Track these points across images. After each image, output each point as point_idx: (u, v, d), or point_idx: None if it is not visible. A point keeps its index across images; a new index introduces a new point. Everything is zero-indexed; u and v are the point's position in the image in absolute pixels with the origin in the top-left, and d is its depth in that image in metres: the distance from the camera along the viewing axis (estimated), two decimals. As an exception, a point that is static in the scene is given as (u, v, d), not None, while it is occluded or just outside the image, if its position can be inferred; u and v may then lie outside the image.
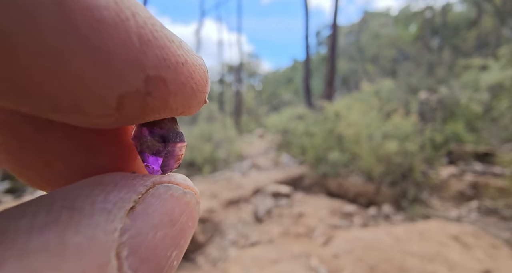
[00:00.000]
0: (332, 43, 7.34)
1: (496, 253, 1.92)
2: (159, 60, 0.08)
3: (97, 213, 0.07)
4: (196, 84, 0.09)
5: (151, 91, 0.08)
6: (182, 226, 0.09)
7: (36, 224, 0.06)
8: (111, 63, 0.07)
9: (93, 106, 0.07)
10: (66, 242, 0.06)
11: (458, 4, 13.59)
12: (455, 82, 4.18)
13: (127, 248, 0.07)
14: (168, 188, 0.09)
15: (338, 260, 1.79)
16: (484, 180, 2.76)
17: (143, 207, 0.08)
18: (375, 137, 3.01)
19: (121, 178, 0.09)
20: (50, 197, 0.07)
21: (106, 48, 0.07)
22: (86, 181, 0.08)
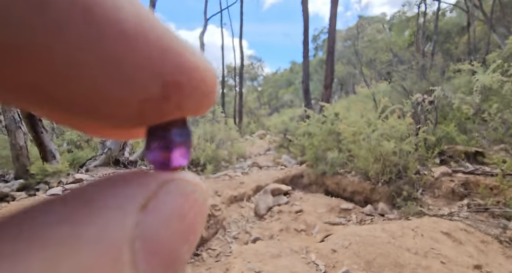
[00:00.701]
0: (330, 47, 7.48)
1: (487, 248, 1.99)
2: (175, 66, 0.08)
3: (111, 208, 0.08)
4: (207, 87, 0.10)
5: (168, 95, 0.09)
6: (192, 222, 0.09)
7: (54, 218, 0.07)
8: (134, 72, 0.07)
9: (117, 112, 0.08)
10: (81, 234, 0.07)
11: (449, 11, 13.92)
12: (447, 85, 4.31)
13: (140, 241, 0.08)
14: (178, 186, 0.10)
15: (336, 255, 1.83)
16: (475, 179, 2.86)
17: (154, 203, 0.08)
18: (372, 137, 3.10)
19: (134, 175, 0.09)
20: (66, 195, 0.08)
21: (129, 58, 0.07)
22: (100, 179, 0.09)
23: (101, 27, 0.07)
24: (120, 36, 0.07)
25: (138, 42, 0.07)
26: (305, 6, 8.45)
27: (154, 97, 0.08)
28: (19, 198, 2.54)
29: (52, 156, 3.37)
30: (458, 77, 4.65)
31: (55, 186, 2.78)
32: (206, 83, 0.10)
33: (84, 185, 0.08)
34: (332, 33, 7.58)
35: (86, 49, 0.07)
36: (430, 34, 11.95)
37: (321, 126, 4.00)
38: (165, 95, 0.09)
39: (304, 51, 8.41)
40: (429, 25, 12.53)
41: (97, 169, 3.64)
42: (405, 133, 3.08)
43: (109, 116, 0.08)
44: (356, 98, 5.21)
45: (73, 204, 0.07)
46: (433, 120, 3.71)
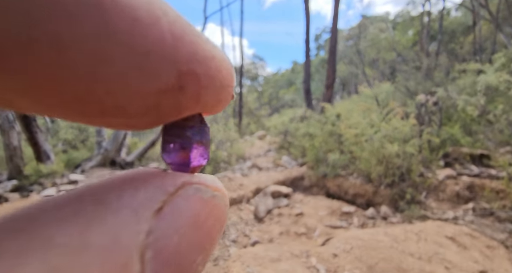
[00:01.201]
0: (332, 47, 7.44)
1: (492, 254, 1.96)
2: (190, 55, 0.08)
3: (123, 211, 0.07)
4: (224, 78, 0.10)
5: (184, 85, 0.08)
6: (209, 230, 0.09)
7: (64, 216, 0.07)
8: (149, 61, 0.07)
9: (134, 105, 0.08)
10: (89, 239, 0.06)
11: (455, 10, 13.81)
12: (452, 85, 4.25)
13: (151, 250, 0.07)
14: (197, 190, 0.09)
15: (337, 259, 1.81)
16: (480, 182, 2.81)
17: (170, 209, 0.08)
18: (374, 139, 3.06)
19: (152, 175, 0.09)
20: (80, 190, 0.08)
21: (143, 46, 0.07)
22: (117, 176, 0.08)
23: (114, 15, 0.07)
24: (133, 24, 0.07)
25: (151, 30, 0.07)
26: (307, 5, 8.40)
27: (171, 87, 0.08)
28: (12, 199, 2.54)
29: (46, 156, 3.36)
30: (463, 77, 4.59)
31: (49, 187, 2.78)
32: (223, 74, 0.09)
33: (101, 181, 0.08)
34: (334, 32, 7.53)
35: (100, 39, 0.07)
36: (435, 34, 11.85)
37: (322, 127, 3.97)
38: (181, 85, 0.08)
39: (306, 50, 8.37)
40: (434, 24, 12.43)
41: (92, 170, 3.63)
42: (409, 134, 3.04)
43: (125, 111, 0.08)
44: (358, 98, 5.17)
45: (87, 201, 0.07)
46: (438, 122, 3.65)
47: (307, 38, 8.43)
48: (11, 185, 2.87)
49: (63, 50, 0.06)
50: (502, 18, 8.28)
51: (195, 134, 0.10)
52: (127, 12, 0.07)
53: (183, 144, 0.10)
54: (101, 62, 0.07)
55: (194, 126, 0.10)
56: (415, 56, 9.13)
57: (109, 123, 0.08)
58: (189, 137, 0.10)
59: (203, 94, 0.09)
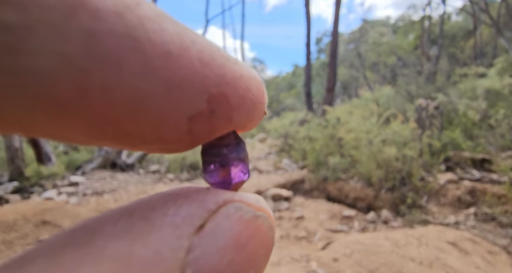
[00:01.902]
0: (333, 50, 7.47)
1: (494, 259, 1.94)
2: (218, 78, 0.08)
3: (166, 227, 0.07)
4: (255, 96, 0.10)
5: (215, 109, 0.08)
6: (251, 253, 0.08)
7: (115, 231, 0.07)
8: (182, 90, 0.08)
9: (170, 133, 0.08)
10: (134, 253, 0.07)
11: (455, 14, 13.89)
12: (453, 90, 4.26)
13: (191, 269, 0.07)
14: (239, 209, 0.09)
15: (337, 264, 1.81)
16: (482, 187, 2.79)
17: (211, 227, 0.08)
18: (375, 142, 3.06)
19: (195, 192, 0.09)
20: (131, 206, 0.08)
21: (176, 79, 0.07)
22: (163, 193, 0.09)
23: (151, 54, 0.07)
24: (166, 59, 0.07)
25: (183, 60, 0.08)
26: (308, 9, 8.47)
27: (202, 112, 0.08)
28: (13, 200, 2.54)
29: (47, 158, 3.38)
30: (465, 81, 4.59)
31: (50, 188, 2.78)
32: (253, 92, 0.10)
33: (149, 197, 0.09)
34: (335, 36, 7.57)
35: (141, 79, 0.07)
36: (435, 38, 11.89)
37: (322, 130, 3.97)
38: (212, 109, 0.08)
39: (307, 54, 8.41)
40: (434, 28, 12.48)
41: (93, 172, 3.64)
42: (409, 138, 3.04)
43: (163, 139, 0.08)
44: (359, 102, 5.18)
45: (136, 218, 0.08)
46: (439, 126, 3.65)
47: (308, 42, 8.48)
48: (12, 186, 2.87)
49: (112, 94, 0.07)
50: (503, 22, 8.31)
51: (232, 152, 0.10)
52: (161, 47, 0.07)
53: (222, 163, 0.10)
54: (142, 99, 0.07)
55: (230, 144, 0.10)
56: (416, 60, 9.16)
57: (148, 149, 0.09)
58: (226, 155, 0.10)
59: (235, 116, 0.09)
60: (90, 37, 0.06)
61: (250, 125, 0.11)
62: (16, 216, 2.33)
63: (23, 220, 2.32)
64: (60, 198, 2.76)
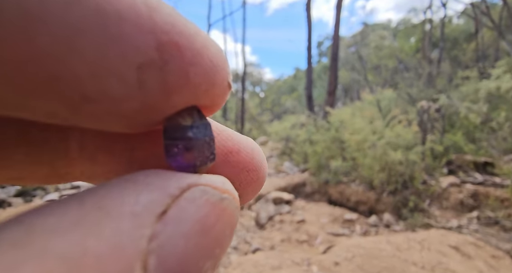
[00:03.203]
0: (334, 53, 7.51)
1: (498, 264, 1.91)
2: (168, 25, 0.08)
3: (125, 217, 0.07)
4: (214, 58, 0.09)
5: (167, 59, 0.08)
6: (217, 235, 0.08)
7: (62, 224, 0.06)
8: (122, 29, 0.07)
9: (115, 85, 0.07)
10: (87, 249, 0.06)
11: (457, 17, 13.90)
12: (455, 92, 4.25)
13: (155, 257, 0.07)
14: (204, 192, 0.08)
15: (339, 268, 1.79)
16: (484, 190, 2.77)
17: (175, 212, 0.08)
18: (377, 145, 3.05)
19: (155, 177, 0.08)
20: (82, 195, 0.07)
21: (115, 13, 0.07)
22: (119, 180, 0.08)
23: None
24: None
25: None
26: (308, 12, 8.55)
27: (152, 61, 0.07)
28: (15, 204, 2.57)
29: None
30: (466, 84, 4.59)
31: (52, 192, 2.80)
32: (211, 52, 0.08)
33: (103, 185, 0.08)
34: (336, 39, 7.62)
35: (72, 9, 0.06)
36: (437, 41, 11.90)
37: (324, 133, 3.97)
38: (164, 57, 0.08)
39: (308, 57, 8.46)
40: (436, 31, 12.50)
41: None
42: (412, 142, 3.03)
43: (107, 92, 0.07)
44: (360, 105, 5.17)
45: (88, 208, 0.07)
46: (440, 129, 3.64)
47: (309, 45, 8.54)
48: (15, 190, 2.90)
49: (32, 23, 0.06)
50: (504, 25, 8.31)
51: (197, 133, 0.10)
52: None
53: (186, 145, 0.09)
54: (74, 34, 0.06)
55: (194, 125, 0.10)
56: (417, 64, 9.17)
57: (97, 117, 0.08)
58: (190, 137, 0.09)
59: (191, 72, 0.08)
60: None
61: (213, 96, 0.10)
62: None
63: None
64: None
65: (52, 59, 0.06)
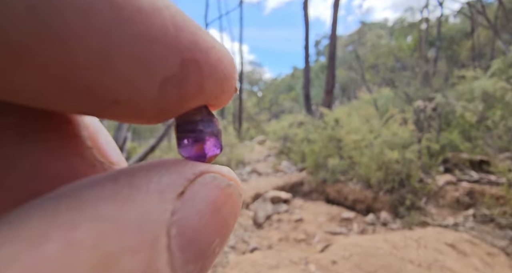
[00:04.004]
0: (331, 52, 7.52)
1: (493, 261, 1.94)
2: (191, 43, 0.09)
3: (152, 192, 0.08)
4: (226, 68, 0.10)
5: (187, 73, 0.09)
6: (225, 216, 0.10)
7: (103, 195, 0.08)
8: (153, 49, 0.08)
9: (141, 94, 0.08)
10: (124, 214, 0.07)
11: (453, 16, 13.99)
12: (451, 91, 4.29)
13: (176, 228, 0.08)
14: (214, 178, 0.10)
15: (336, 266, 1.80)
16: (480, 188, 2.79)
17: (191, 193, 0.09)
18: (374, 144, 3.06)
19: (174, 163, 0.10)
20: (116, 173, 0.09)
21: (148, 35, 0.08)
22: (143, 164, 0.09)
23: (121, 7, 0.07)
24: (138, 14, 0.07)
25: (155, 19, 0.08)
26: (306, 11, 8.54)
27: (174, 75, 0.09)
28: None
29: None
30: (463, 83, 4.63)
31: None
32: (224, 64, 0.10)
33: (131, 167, 0.09)
34: (333, 38, 7.63)
35: (110, 30, 0.07)
36: (433, 40, 11.97)
37: (321, 132, 3.98)
38: (184, 73, 0.09)
39: (305, 56, 8.47)
40: (432, 30, 12.57)
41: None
42: (408, 140, 3.05)
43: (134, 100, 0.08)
44: (358, 104, 5.20)
45: (122, 183, 0.08)
46: (437, 127, 3.66)
47: (306, 44, 8.54)
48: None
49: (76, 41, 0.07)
50: (500, 24, 8.38)
51: (206, 127, 0.11)
52: (133, 3, 0.07)
53: (197, 138, 0.11)
54: (111, 51, 0.07)
55: (203, 119, 0.11)
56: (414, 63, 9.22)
57: (120, 114, 0.09)
58: (200, 130, 0.11)
59: (206, 84, 0.10)
60: None
61: (221, 100, 0.11)
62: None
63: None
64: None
65: (93, 73, 0.07)
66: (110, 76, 0.08)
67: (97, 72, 0.07)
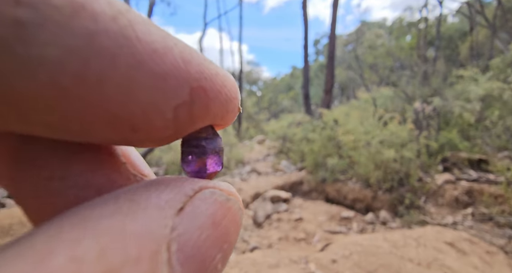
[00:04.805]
0: (330, 52, 7.52)
1: (492, 259, 1.94)
2: (198, 73, 0.10)
3: (152, 208, 0.09)
4: (229, 91, 0.11)
5: (195, 99, 0.10)
6: (225, 230, 0.10)
7: (105, 212, 0.08)
8: (167, 82, 0.09)
9: (158, 120, 0.09)
10: (126, 228, 0.08)
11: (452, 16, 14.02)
12: (450, 91, 4.30)
13: (176, 243, 0.08)
14: (213, 193, 0.10)
15: (336, 265, 1.80)
16: (479, 187, 2.80)
17: (190, 209, 0.09)
18: (373, 144, 3.07)
19: (173, 180, 0.10)
20: (116, 193, 0.09)
21: (162, 70, 0.09)
22: (143, 183, 0.10)
23: (139, 49, 0.08)
24: (153, 54, 0.09)
25: (167, 56, 0.09)
26: (305, 11, 8.54)
27: (185, 102, 0.10)
28: (9, 205, 2.53)
29: None
30: (461, 82, 4.64)
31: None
32: (228, 88, 0.11)
33: (132, 186, 0.10)
34: (332, 38, 7.63)
35: (131, 69, 0.08)
36: (432, 40, 11.99)
37: (320, 132, 3.98)
38: (193, 99, 0.10)
39: (304, 56, 8.46)
40: (431, 30, 12.59)
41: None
42: (406, 139, 3.05)
43: (152, 125, 0.09)
44: (357, 103, 5.21)
45: (123, 201, 0.09)
46: (436, 126, 3.67)
47: (305, 44, 8.53)
48: (8, 191, 2.85)
49: (107, 81, 0.08)
50: (498, 24, 8.41)
51: (209, 144, 0.12)
52: (148, 45, 0.08)
53: (200, 154, 0.12)
54: (133, 87, 0.08)
55: (208, 137, 0.12)
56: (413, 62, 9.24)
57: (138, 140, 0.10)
58: (204, 147, 0.12)
59: (212, 106, 0.11)
60: (90, 33, 0.07)
61: (226, 119, 0.12)
62: (12, 221, 2.31)
63: (19, 225, 2.30)
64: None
65: (117, 105, 0.08)
66: (131, 106, 0.09)
67: (121, 103, 0.08)
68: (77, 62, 0.07)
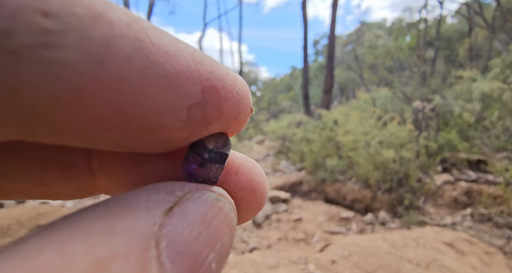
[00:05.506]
0: (330, 52, 7.53)
1: (491, 260, 1.95)
2: (209, 73, 0.10)
3: (140, 209, 0.09)
4: (240, 90, 0.11)
5: (208, 98, 0.10)
6: (217, 229, 0.10)
7: (95, 215, 0.09)
8: (179, 82, 0.09)
9: (172, 121, 0.10)
10: (115, 227, 0.08)
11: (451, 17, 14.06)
12: (449, 91, 4.31)
13: (165, 240, 0.09)
14: (202, 194, 0.11)
15: (335, 266, 1.80)
16: (478, 188, 2.81)
17: (179, 208, 0.10)
18: (372, 144, 3.07)
19: (163, 185, 0.11)
20: (106, 200, 0.10)
21: (175, 71, 0.09)
22: (135, 189, 0.10)
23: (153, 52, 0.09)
24: (166, 56, 0.09)
25: (179, 58, 0.09)
26: (304, 11, 8.54)
27: (198, 101, 0.10)
28: (8, 205, 2.52)
29: None
30: (460, 83, 4.65)
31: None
32: (238, 87, 0.11)
33: (124, 193, 0.10)
34: (332, 38, 7.63)
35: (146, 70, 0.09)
36: (431, 40, 12.01)
37: (319, 133, 3.99)
38: (206, 98, 0.10)
39: (304, 56, 8.47)
40: (430, 31, 12.62)
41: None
42: (406, 140, 3.06)
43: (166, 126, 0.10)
44: (356, 103, 5.21)
45: (112, 205, 0.09)
46: (435, 127, 3.68)
47: (305, 44, 8.54)
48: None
49: (123, 82, 0.08)
50: (497, 25, 8.43)
51: (212, 158, 0.12)
52: (161, 48, 0.09)
53: (199, 162, 0.12)
54: (148, 87, 0.09)
55: (214, 150, 0.12)
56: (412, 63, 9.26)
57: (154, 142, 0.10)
58: (205, 158, 0.12)
59: (224, 106, 0.11)
60: (107, 38, 0.08)
61: (239, 120, 0.12)
62: (10, 221, 2.30)
63: (18, 225, 2.29)
64: (56, 201, 2.72)
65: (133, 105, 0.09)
66: (146, 105, 0.09)
67: (136, 103, 0.09)
68: (94, 63, 0.08)
